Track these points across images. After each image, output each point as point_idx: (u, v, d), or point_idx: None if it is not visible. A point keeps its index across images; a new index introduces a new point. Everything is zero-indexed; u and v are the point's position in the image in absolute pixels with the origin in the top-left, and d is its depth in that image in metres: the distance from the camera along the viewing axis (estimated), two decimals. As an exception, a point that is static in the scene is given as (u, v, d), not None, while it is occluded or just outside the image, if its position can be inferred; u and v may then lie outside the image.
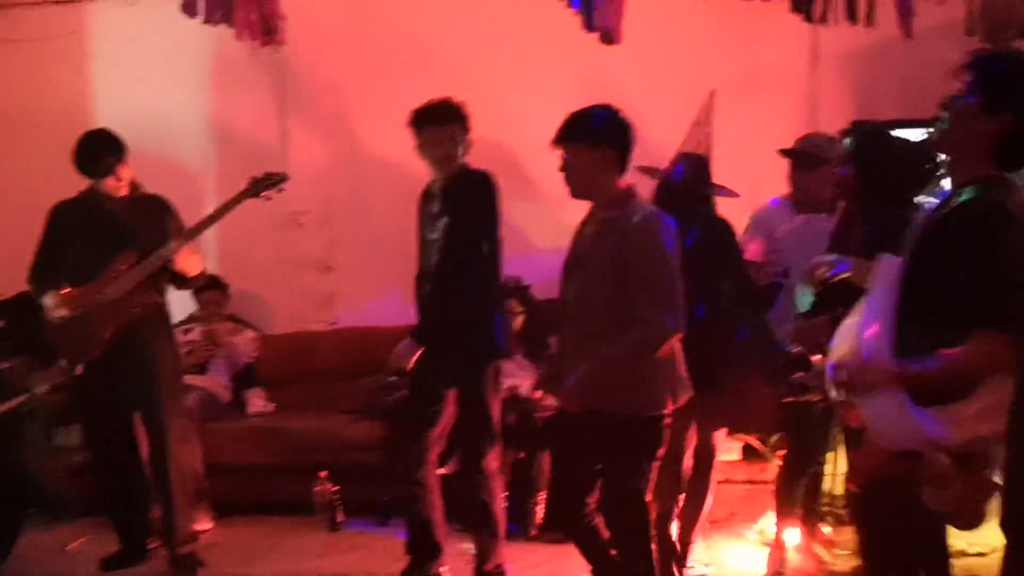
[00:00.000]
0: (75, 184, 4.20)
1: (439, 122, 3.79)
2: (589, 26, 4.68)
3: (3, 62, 5.81)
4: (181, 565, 4.18)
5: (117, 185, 4.13)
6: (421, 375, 3.84)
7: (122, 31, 5.76)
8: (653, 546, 3.16)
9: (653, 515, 3.17)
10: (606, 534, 3.16)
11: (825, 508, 4.28)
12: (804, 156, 3.94)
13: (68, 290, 4.08)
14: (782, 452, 4.16)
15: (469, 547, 3.98)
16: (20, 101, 5.83)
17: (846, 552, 3.95)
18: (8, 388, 4.70)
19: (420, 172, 3.95)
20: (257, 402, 5.37)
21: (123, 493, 4.36)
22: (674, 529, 3.58)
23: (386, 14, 5.59)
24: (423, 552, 3.91)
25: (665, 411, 3.06)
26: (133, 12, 5.69)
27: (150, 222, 4.15)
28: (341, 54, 5.69)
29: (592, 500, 3.16)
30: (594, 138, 3.08)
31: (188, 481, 4.34)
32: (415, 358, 3.80)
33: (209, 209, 4.36)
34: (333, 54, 5.70)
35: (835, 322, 2.57)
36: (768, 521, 4.21)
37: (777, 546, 3.93)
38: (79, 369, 4.10)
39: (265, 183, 4.19)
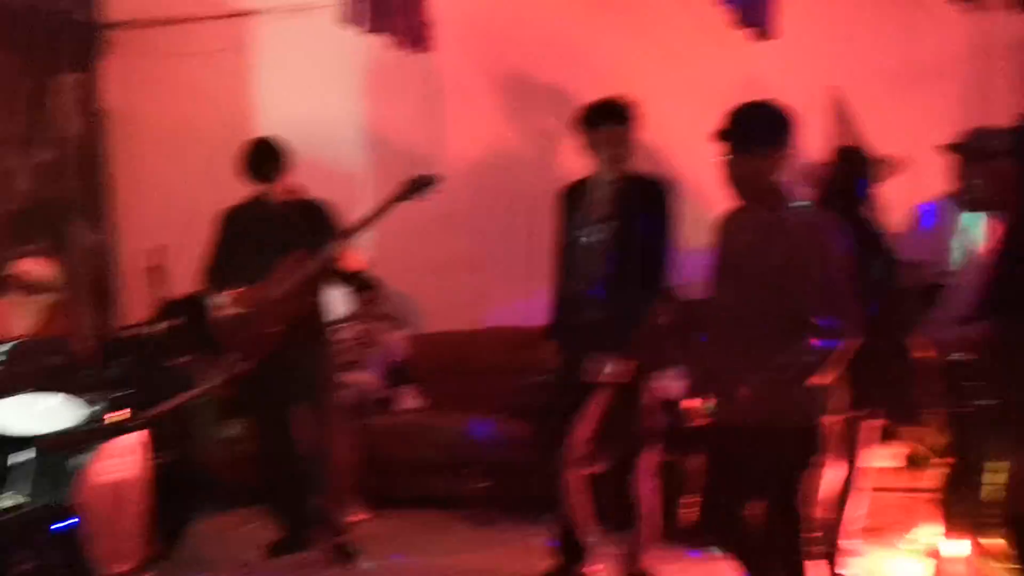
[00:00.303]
0: (240, 191, 4.43)
1: (620, 119, 3.77)
2: (742, 22, 4.61)
3: (172, 76, 6.17)
4: (339, 553, 4.36)
5: (281, 190, 4.34)
6: (570, 375, 3.86)
7: (283, 43, 6.04)
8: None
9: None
10: (762, 543, 3.10)
11: (993, 519, 4.08)
12: (973, 151, 3.76)
13: (237, 291, 4.31)
14: (947, 460, 3.99)
15: (619, 548, 3.99)
16: (188, 112, 6.19)
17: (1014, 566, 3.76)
18: (184, 382, 5.00)
19: (568, 171, 3.97)
20: (409, 399, 5.53)
21: (285, 483, 4.57)
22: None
23: (532, 17, 5.65)
24: (570, 553, 3.94)
25: (830, 418, 2.98)
26: (293, 25, 5.97)
27: (312, 225, 4.32)
28: (489, 58, 5.79)
29: (749, 508, 3.11)
30: (755, 136, 2.98)
31: (345, 473, 4.52)
32: (562, 358, 3.83)
33: (364, 211, 4.52)
34: (481, 58, 5.81)
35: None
36: (923, 531, 4.06)
37: (943, 558, 3.78)
38: (248, 365, 4.32)
39: (417, 186, 4.29)
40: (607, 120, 3.76)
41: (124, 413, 4.53)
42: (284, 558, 4.47)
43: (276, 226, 4.33)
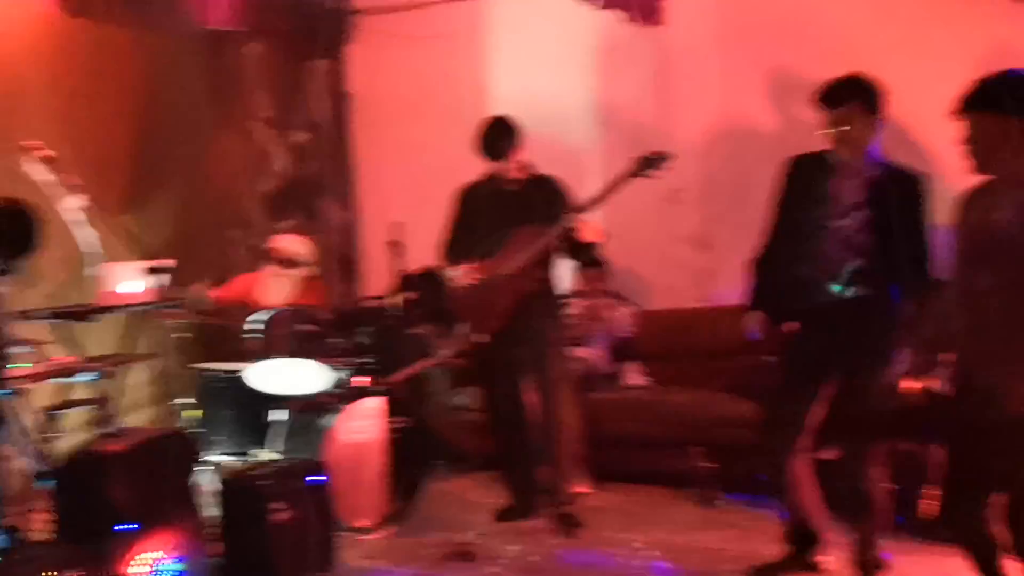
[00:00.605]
0: (475, 168, 4.58)
1: (861, 98, 3.57)
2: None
3: (411, 58, 6.46)
4: (564, 522, 4.44)
5: (514, 167, 4.46)
6: (802, 358, 3.75)
7: (516, 22, 6.17)
8: None
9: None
10: (1000, 541, 2.91)
11: None
12: None
13: (473, 264, 4.49)
14: None
15: (850, 537, 3.85)
16: (426, 93, 6.46)
17: None
18: (420, 352, 5.27)
19: (799, 148, 3.83)
20: (634, 375, 5.55)
21: (514, 451, 4.71)
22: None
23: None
24: (801, 541, 3.84)
25: None
26: (527, 4, 6.09)
27: (546, 200, 4.41)
28: (719, 30, 5.68)
29: (990, 504, 2.92)
30: (1007, 106, 2.78)
31: (572, 445, 4.61)
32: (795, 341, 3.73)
33: (593, 188, 4.56)
34: (711, 31, 5.69)
35: None
36: None
37: None
38: (482, 338, 4.48)
39: (649, 162, 4.27)
40: (847, 98, 3.57)
41: (367, 379, 4.83)
42: (512, 524, 4.61)
43: (510, 202, 4.44)
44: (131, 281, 4.19)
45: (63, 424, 4.01)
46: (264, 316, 4.78)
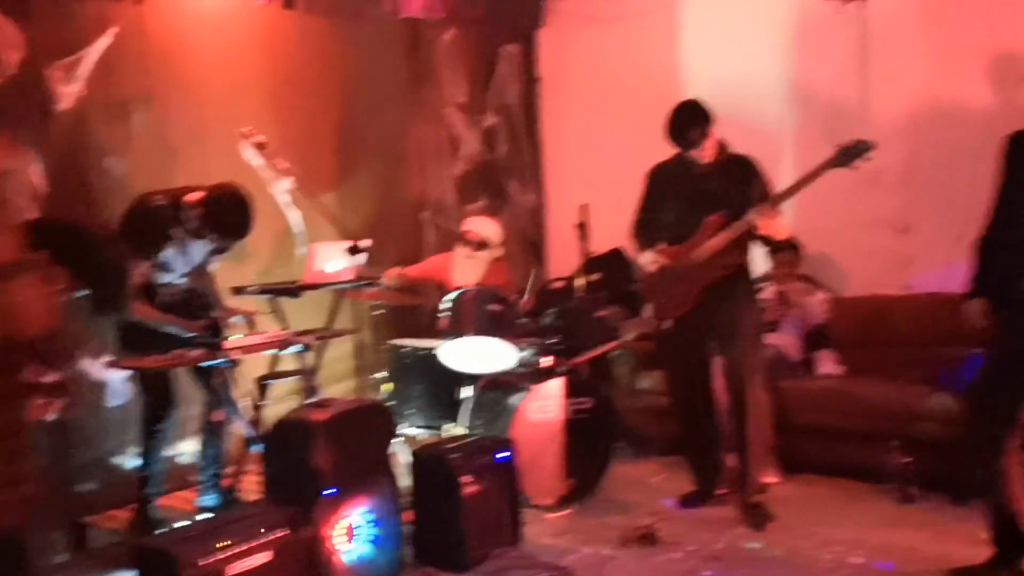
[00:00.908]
0: (664, 151, 4.53)
1: None
2: None
3: (601, 40, 6.46)
4: (752, 513, 4.36)
5: (708, 149, 4.36)
6: (1016, 350, 3.52)
7: (710, 1, 6.07)
8: None
9: None
10: None
11: None
12: None
13: (663, 248, 4.45)
14: None
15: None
16: (615, 75, 6.45)
17: None
18: (603, 334, 5.29)
19: (1011, 128, 3.58)
20: (827, 364, 5.36)
21: (699, 437, 4.66)
22: None
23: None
24: (1009, 544, 3.61)
25: None
26: (721, -18, 5.99)
27: (738, 185, 4.30)
28: (923, 5, 5.38)
29: None
30: None
31: (761, 433, 4.51)
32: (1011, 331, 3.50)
33: (787, 169, 4.44)
34: (915, 5, 5.41)
35: None
36: None
37: None
38: (668, 323, 4.44)
39: (853, 152, 4.08)
40: None
41: (552, 359, 4.90)
42: (695, 510, 4.58)
43: (700, 186, 4.36)
44: (334, 260, 4.41)
45: (272, 393, 4.28)
46: (455, 295, 4.92)
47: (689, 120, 4.33)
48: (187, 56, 4.75)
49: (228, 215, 3.94)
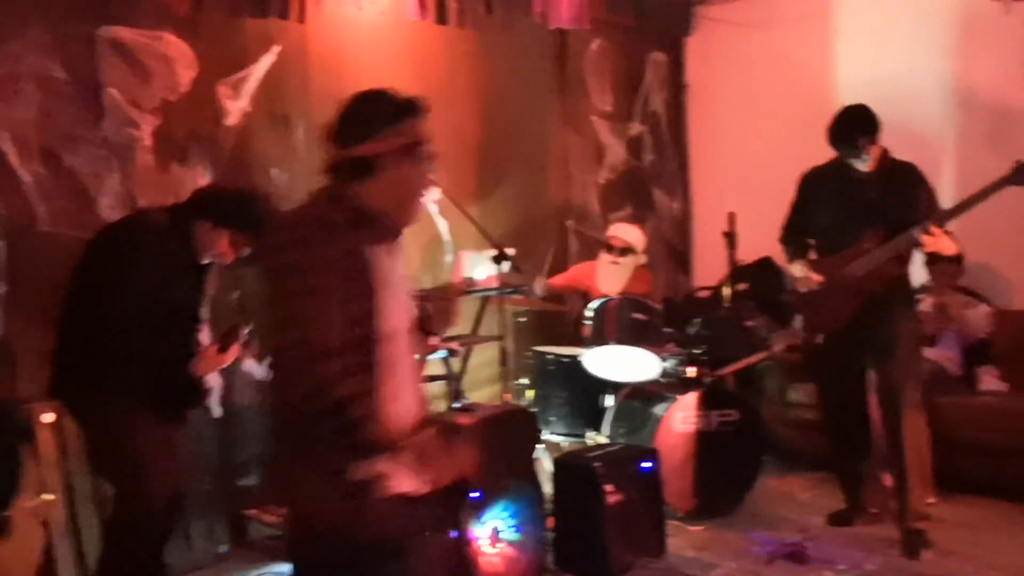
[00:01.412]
0: (815, 158, 4.42)
1: None
2: None
3: (750, 46, 6.35)
4: (910, 540, 4.15)
5: (865, 160, 4.19)
6: None
7: (865, 3, 5.88)
8: None
9: None
10: None
11: None
12: None
13: (815, 260, 4.33)
14: None
15: None
16: (765, 81, 6.33)
17: None
18: (751, 344, 5.19)
19: None
20: (989, 380, 5.11)
21: (851, 454, 4.51)
22: None
23: None
24: None
25: None
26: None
27: (901, 195, 4.12)
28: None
29: None
30: None
31: (919, 453, 4.27)
32: None
33: (948, 177, 4.26)
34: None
35: None
36: None
37: None
38: (819, 338, 4.30)
39: None
40: None
41: (697, 369, 4.85)
42: (846, 529, 4.44)
43: (858, 195, 4.19)
44: (479, 267, 4.49)
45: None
46: (599, 303, 4.93)
47: (858, 126, 4.15)
48: (344, 71, 4.94)
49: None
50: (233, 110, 4.54)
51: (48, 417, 3.80)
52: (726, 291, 5.15)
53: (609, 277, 5.34)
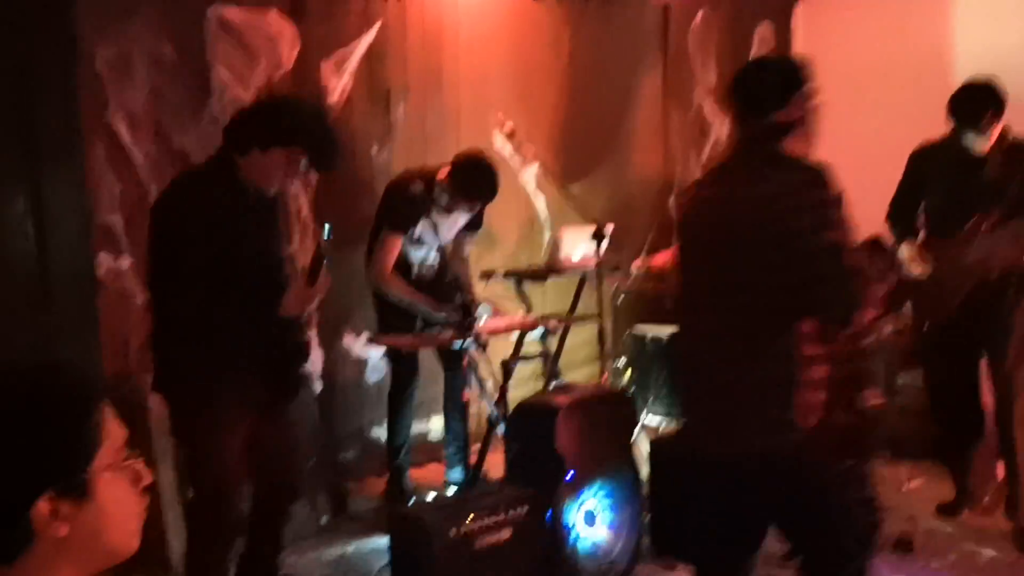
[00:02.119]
0: (930, 134, 4.23)
1: None
2: None
3: (862, 16, 6.12)
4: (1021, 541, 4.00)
5: (984, 139, 4.00)
6: None
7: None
8: None
9: None
10: None
11: None
12: None
13: (926, 242, 4.15)
14: None
15: None
16: (878, 54, 6.09)
17: None
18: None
19: None
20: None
21: (961, 443, 4.36)
22: None
23: None
24: None
25: None
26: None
27: (1020, 178, 3.92)
28: None
29: None
30: None
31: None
32: None
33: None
34: None
35: None
36: None
37: None
38: (926, 326, 4.13)
39: None
40: None
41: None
42: (955, 520, 4.29)
43: (973, 175, 4.00)
44: (578, 245, 4.45)
45: (516, 376, 4.39)
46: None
47: (983, 101, 3.94)
48: (443, 48, 4.94)
49: (474, 177, 4.07)
50: (335, 87, 4.58)
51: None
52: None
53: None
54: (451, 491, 4.40)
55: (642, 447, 4.30)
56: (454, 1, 4.93)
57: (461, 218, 4.26)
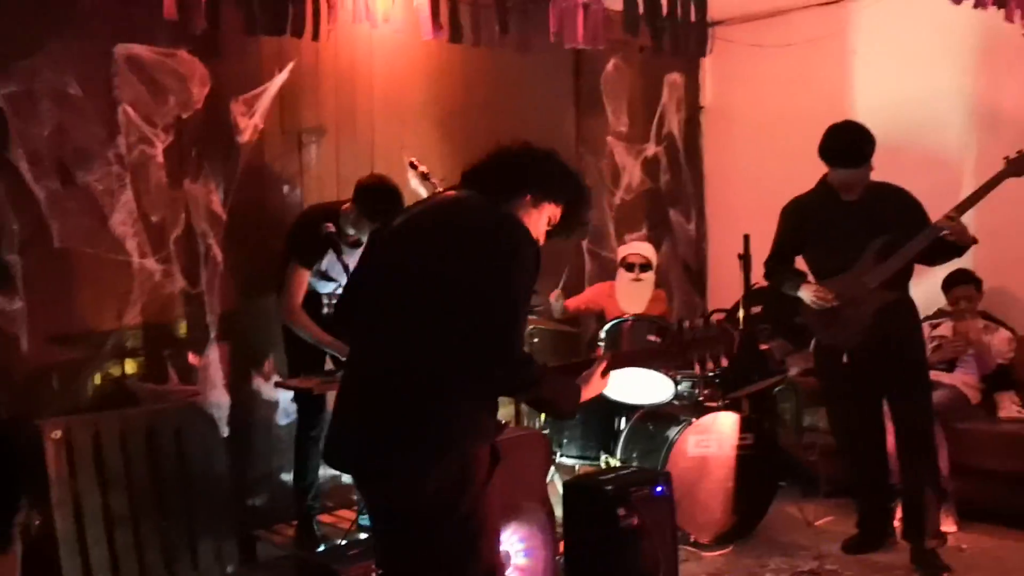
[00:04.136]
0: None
1: None
2: None
3: (766, 67, 6.32)
4: (926, 562, 4.12)
5: (857, 177, 4.13)
6: None
7: (883, 25, 5.84)
8: None
9: None
10: None
11: None
12: None
13: (824, 281, 4.28)
14: None
15: None
16: (781, 102, 6.30)
17: None
18: (766, 368, 5.13)
19: None
20: (1010, 406, 5.02)
21: (867, 478, 4.46)
22: None
23: None
24: None
25: None
26: (896, 5, 5.76)
27: (897, 211, 4.12)
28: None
29: None
30: None
31: (936, 476, 4.27)
32: None
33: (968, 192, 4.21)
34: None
35: None
36: None
37: None
38: (845, 358, 4.24)
39: None
40: None
41: (713, 392, 4.79)
42: (862, 556, 4.37)
43: (855, 213, 4.16)
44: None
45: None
46: (613, 324, 4.89)
47: (861, 137, 4.11)
48: (357, 89, 4.94)
49: (378, 197, 4.02)
50: (247, 127, 4.54)
51: (56, 434, 3.80)
52: (740, 314, 5.10)
53: (631, 295, 5.30)
54: (363, 537, 4.31)
55: (557, 487, 4.30)
56: (368, 42, 4.94)
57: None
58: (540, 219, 2.53)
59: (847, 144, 4.12)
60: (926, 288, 4.80)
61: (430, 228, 2.45)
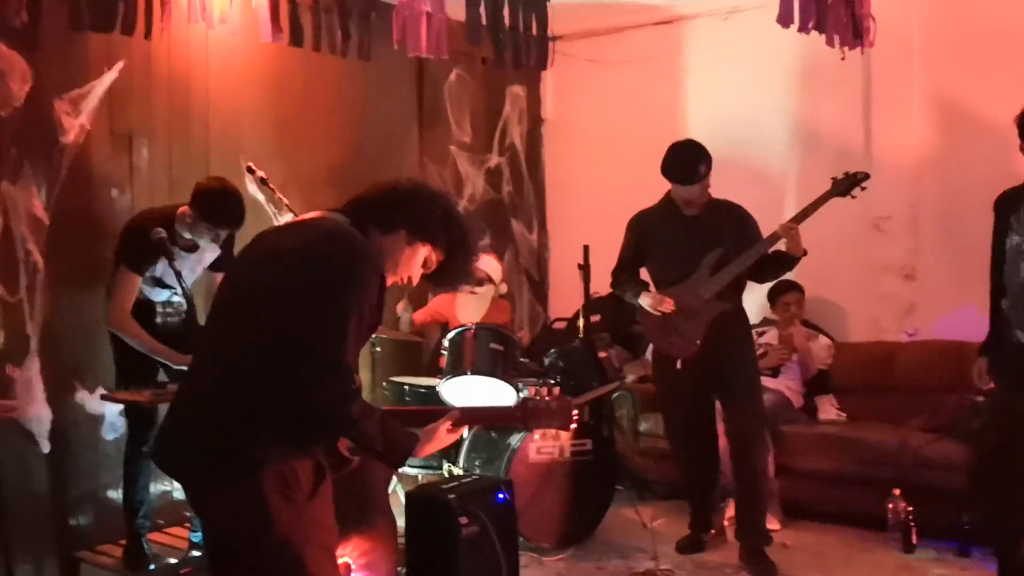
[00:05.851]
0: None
1: None
2: None
3: (608, 82, 6.51)
4: (755, 561, 4.30)
5: (698, 192, 4.34)
6: (1013, 402, 3.49)
7: (715, 45, 6.11)
8: None
9: None
10: None
11: None
12: None
13: (658, 290, 4.43)
14: None
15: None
16: (619, 117, 6.49)
17: None
18: (604, 375, 5.25)
19: (1015, 179, 3.61)
20: (829, 409, 5.33)
21: (699, 481, 4.63)
22: None
23: (979, 12, 5.23)
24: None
25: None
26: (726, 27, 6.03)
27: (734, 226, 4.34)
28: (927, 54, 5.42)
29: None
30: None
31: (764, 478, 4.48)
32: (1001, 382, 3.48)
33: (791, 212, 4.45)
34: (919, 54, 5.45)
35: None
36: None
37: None
38: (679, 364, 4.40)
39: (849, 182, 4.24)
40: None
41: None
42: (694, 556, 4.52)
43: (694, 228, 4.36)
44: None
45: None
46: (456, 334, 4.89)
47: (697, 156, 4.31)
48: (191, 91, 4.77)
49: (217, 201, 3.86)
50: (72, 127, 4.30)
51: None
52: (580, 322, 5.19)
53: (468, 307, 5.32)
54: (196, 556, 4.14)
55: (399, 497, 4.26)
56: (203, 43, 4.77)
57: (206, 254, 4.07)
58: (413, 257, 2.45)
59: (682, 162, 4.31)
60: (754, 298, 5.04)
61: (269, 247, 2.39)
